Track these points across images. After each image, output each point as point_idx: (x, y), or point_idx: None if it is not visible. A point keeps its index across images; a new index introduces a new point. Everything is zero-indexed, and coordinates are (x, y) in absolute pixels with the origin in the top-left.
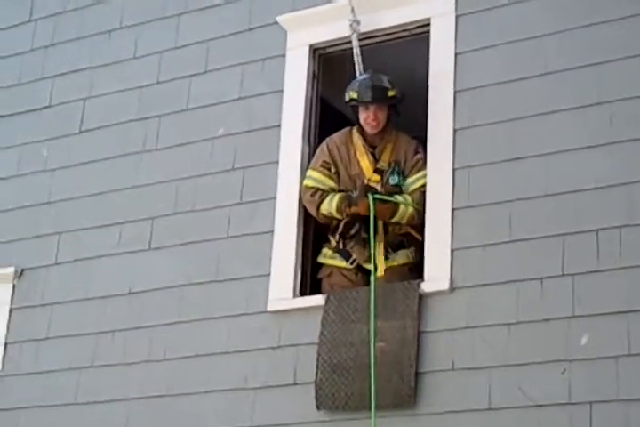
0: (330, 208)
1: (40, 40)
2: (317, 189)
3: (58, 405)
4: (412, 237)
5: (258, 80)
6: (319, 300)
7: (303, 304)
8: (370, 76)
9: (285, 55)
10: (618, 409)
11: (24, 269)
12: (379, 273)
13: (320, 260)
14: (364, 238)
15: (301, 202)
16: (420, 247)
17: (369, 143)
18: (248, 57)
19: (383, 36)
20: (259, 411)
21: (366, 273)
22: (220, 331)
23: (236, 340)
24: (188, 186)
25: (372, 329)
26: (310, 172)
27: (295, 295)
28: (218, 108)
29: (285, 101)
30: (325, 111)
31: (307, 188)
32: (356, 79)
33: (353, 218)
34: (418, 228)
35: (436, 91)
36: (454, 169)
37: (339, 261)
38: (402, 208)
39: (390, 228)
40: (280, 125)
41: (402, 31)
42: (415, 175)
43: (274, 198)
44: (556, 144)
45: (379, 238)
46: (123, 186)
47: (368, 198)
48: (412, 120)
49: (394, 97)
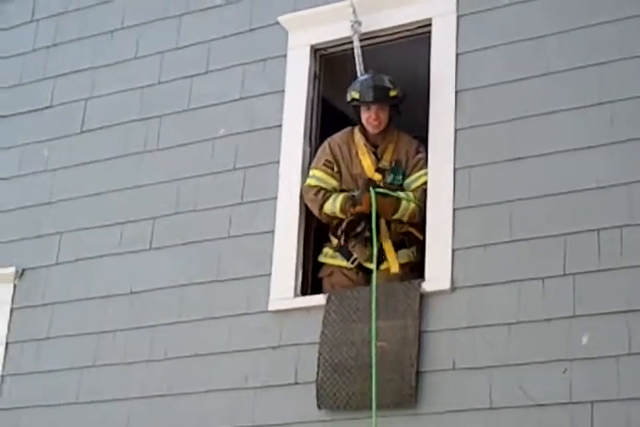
0: (333, 208)
1: (42, 40)
2: (320, 189)
3: (59, 404)
4: (413, 236)
5: (259, 80)
6: (320, 299)
7: (304, 304)
8: (371, 76)
9: (286, 55)
10: (619, 409)
11: (25, 269)
12: (393, 269)
13: (321, 259)
14: (365, 237)
15: (302, 202)
16: (421, 247)
17: (371, 143)
18: (249, 57)
19: (385, 36)
20: (259, 410)
21: (367, 272)
22: (221, 330)
23: (236, 339)
24: (189, 186)
25: (373, 329)
26: (313, 171)
27: (296, 295)
28: (219, 108)
29: (286, 102)
30: (326, 111)
31: (309, 187)
32: (358, 79)
33: (358, 217)
34: (419, 227)
35: (437, 91)
36: (455, 169)
37: (340, 261)
38: (404, 204)
39: (392, 226)
40: (281, 125)
41: (403, 31)
42: (416, 174)
43: (275, 198)
44: (556, 144)
45: (385, 236)
46: (124, 186)
47: (370, 192)
48: (413, 120)
49: (395, 97)
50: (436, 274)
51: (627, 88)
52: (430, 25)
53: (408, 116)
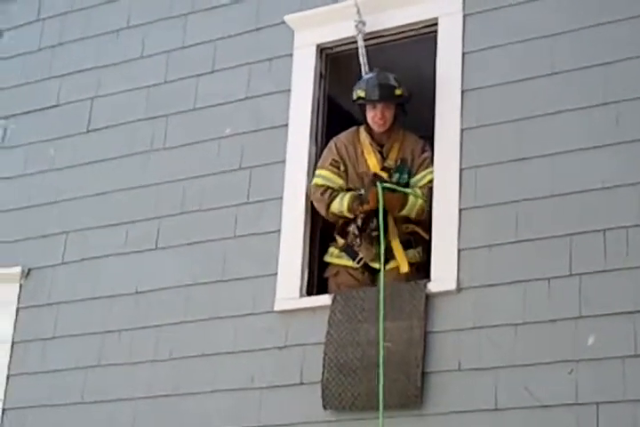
0: (341, 207)
1: (47, 40)
2: (327, 188)
3: (65, 404)
4: (419, 236)
5: (265, 80)
6: (326, 299)
7: (310, 304)
8: (377, 75)
9: (293, 55)
10: (625, 410)
11: (31, 269)
12: (403, 269)
13: (327, 259)
14: (373, 236)
15: (308, 201)
16: (427, 247)
17: (376, 142)
18: (255, 56)
19: (390, 35)
20: (265, 411)
21: (373, 272)
22: (227, 331)
23: (242, 339)
24: (195, 186)
25: (381, 329)
26: (319, 170)
27: (302, 295)
28: (225, 107)
29: (292, 101)
30: (333, 111)
31: (316, 186)
32: (364, 78)
33: (367, 215)
34: (425, 227)
35: (443, 90)
36: (461, 169)
37: (345, 261)
38: (411, 199)
39: (398, 226)
40: (287, 125)
41: (409, 31)
42: (422, 172)
43: (281, 198)
44: (562, 144)
45: (393, 235)
46: (129, 185)
47: (377, 187)
48: (419, 120)
49: (401, 96)
50: (442, 274)
51: (632, 88)
52: (436, 24)
53: (414, 115)
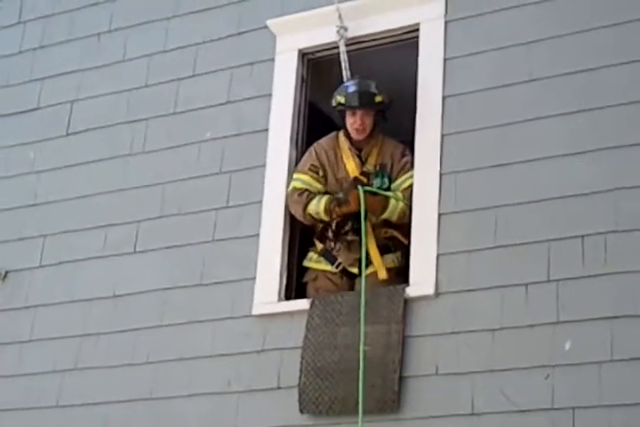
0: (317, 209)
1: (29, 42)
2: (305, 190)
3: (40, 407)
4: (397, 241)
5: (246, 84)
6: (304, 304)
7: (288, 308)
8: (357, 82)
9: (274, 59)
10: (601, 415)
11: (8, 272)
12: (381, 276)
13: (305, 264)
14: (349, 241)
15: (288, 206)
16: (406, 251)
17: (355, 146)
18: (237, 61)
19: (372, 41)
20: (242, 415)
21: (351, 277)
22: (205, 334)
23: (220, 343)
24: (174, 189)
25: (362, 333)
26: (297, 175)
27: (280, 299)
28: (206, 111)
29: (274, 105)
30: (314, 115)
31: (295, 189)
32: (344, 84)
33: (344, 218)
34: (404, 232)
35: (424, 96)
36: (441, 174)
37: (324, 265)
38: (392, 202)
39: (377, 231)
40: (268, 129)
41: (391, 36)
42: (403, 177)
43: (260, 202)
44: (542, 150)
45: (370, 241)
46: (109, 189)
47: (358, 190)
48: (399, 125)
49: (381, 102)
50: (421, 279)
51: (611, 95)
52: (418, 30)
53: (395, 120)
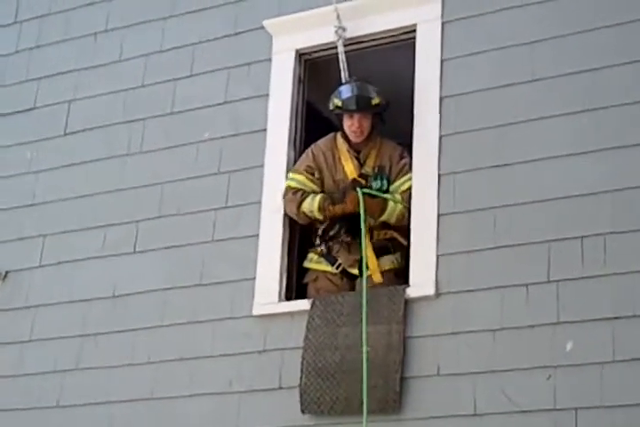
0: (311, 207)
1: (25, 42)
2: (299, 189)
3: (41, 407)
4: (397, 242)
5: (244, 84)
6: (304, 304)
7: (288, 309)
8: (354, 84)
9: (271, 60)
10: (603, 416)
11: (8, 272)
12: (376, 279)
13: (306, 264)
14: (347, 242)
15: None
16: (406, 252)
17: (353, 148)
18: (234, 61)
19: (369, 41)
20: (243, 415)
21: (351, 278)
22: (205, 335)
23: (220, 344)
24: (173, 189)
25: (364, 333)
26: (293, 174)
27: (280, 300)
28: (203, 111)
29: (271, 106)
30: (311, 116)
31: (289, 188)
32: (341, 87)
33: (333, 220)
34: (403, 232)
35: (421, 97)
36: (440, 175)
37: (324, 266)
38: (391, 204)
39: (375, 232)
40: (266, 129)
41: (388, 37)
42: (401, 179)
43: (259, 202)
44: (542, 151)
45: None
46: (107, 189)
47: (357, 192)
48: (397, 126)
49: (378, 105)
50: (421, 280)
51: (616, 94)
52: (415, 31)
53: (392, 122)
